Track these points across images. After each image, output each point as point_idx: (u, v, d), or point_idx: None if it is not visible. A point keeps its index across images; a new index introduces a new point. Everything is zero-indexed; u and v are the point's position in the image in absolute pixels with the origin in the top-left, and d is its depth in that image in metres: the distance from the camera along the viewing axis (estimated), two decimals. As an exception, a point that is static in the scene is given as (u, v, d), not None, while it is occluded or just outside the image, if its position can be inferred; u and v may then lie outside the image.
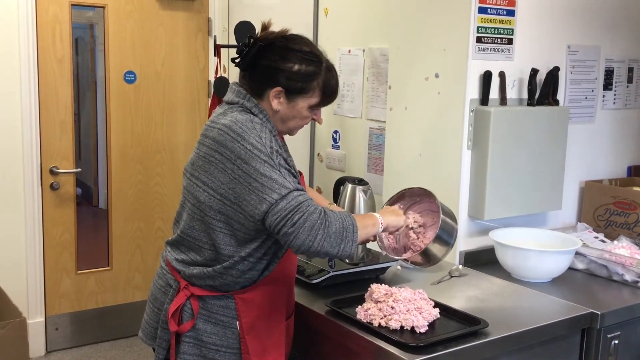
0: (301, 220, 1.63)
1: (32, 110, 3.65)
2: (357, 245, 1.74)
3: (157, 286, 1.94)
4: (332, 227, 1.66)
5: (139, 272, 4.15)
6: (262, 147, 1.69)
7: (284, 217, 1.64)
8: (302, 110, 1.81)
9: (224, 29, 4.16)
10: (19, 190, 3.68)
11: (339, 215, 1.71)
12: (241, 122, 1.72)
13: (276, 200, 1.65)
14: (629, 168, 3.06)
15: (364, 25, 3.12)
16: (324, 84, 1.79)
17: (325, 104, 1.84)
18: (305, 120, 1.84)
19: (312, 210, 1.65)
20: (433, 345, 1.74)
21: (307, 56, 1.78)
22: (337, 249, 1.67)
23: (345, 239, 1.68)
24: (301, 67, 1.77)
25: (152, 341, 1.95)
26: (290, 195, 1.66)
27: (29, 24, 3.60)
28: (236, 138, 1.70)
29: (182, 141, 4.17)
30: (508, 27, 2.48)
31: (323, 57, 1.82)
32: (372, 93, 3.07)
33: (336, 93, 1.85)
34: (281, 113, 1.80)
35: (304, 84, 1.77)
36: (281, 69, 1.76)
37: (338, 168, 3.30)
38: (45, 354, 3.88)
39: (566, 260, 2.33)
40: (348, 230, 1.69)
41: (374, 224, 1.81)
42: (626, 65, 2.95)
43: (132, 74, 3.97)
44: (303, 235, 1.63)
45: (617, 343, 2.13)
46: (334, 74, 1.83)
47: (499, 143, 2.42)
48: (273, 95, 1.78)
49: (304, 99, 1.79)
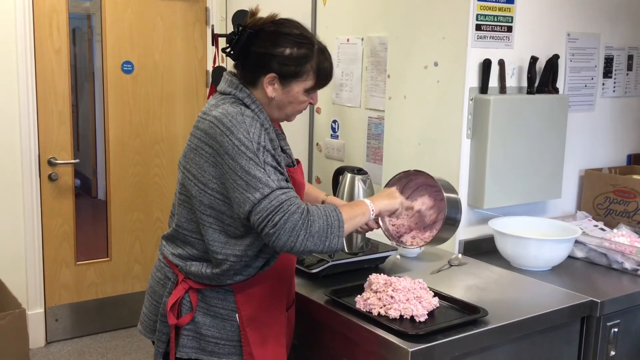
0: (282, 222, 1.61)
1: (29, 102, 3.64)
2: (343, 238, 1.68)
3: (156, 279, 1.92)
4: (315, 226, 1.63)
5: (138, 263, 4.15)
6: (249, 142, 1.66)
7: (265, 218, 1.62)
8: (298, 95, 1.77)
9: (221, 19, 4.15)
10: (18, 182, 3.67)
11: (324, 211, 1.67)
12: (231, 115, 1.69)
13: (259, 199, 1.62)
14: (629, 156, 3.06)
15: (363, 13, 3.11)
16: (317, 66, 1.76)
17: (320, 86, 1.80)
18: (302, 105, 1.81)
19: (293, 210, 1.62)
20: (433, 334, 1.74)
21: (298, 39, 1.75)
22: (321, 246, 1.65)
23: (330, 236, 1.65)
24: (293, 51, 1.73)
25: (152, 334, 1.93)
26: (273, 194, 1.63)
27: (25, 15, 3.58)
28: (225, 132, 1.67)
29: (180, 131, 4.16)
30: (507, 15, 2.47)
31: (315, 39, 1.79)
32: (371, 82, 3.06)
33: (331, 75, 1.82)
34: (277, 100, 1.77)
35: (297, 68, 1.74)
36: (273, 54, 1.73)
37: (337, 158, 3.29)
38: (45, 345, 3.88)
39: (566, 248, 2.33)
40: (333, 226, 1.65)
41: (364, 212, 1.77)
42: (626, 53, 2.94)
43: (129, 64, 3.95)
44: (284, 236, 1.61)
45: (617, 331, 2.13)
46: (327, 56, 1.80)
47: (499, 131, 2.41)
48: (267, 82, 1.75)
49: (299, 83, 1.76)
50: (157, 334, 1.88)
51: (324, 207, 1.69)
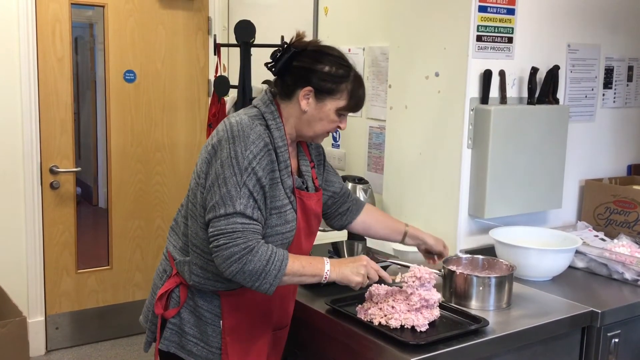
0: (223, 247, 1.68)
1: (32, 110, 3.65)
2: (275, 287, 1.70)
3: (157, 272, 2.00)
4: (250, 266, 1.67)
5: (139, 271, 4.15)
6: (241, 158, 1.72)
7: (214, 235, 1.70)
8: (330, 113, 1.83)
9: (223, 28, 4.16)
10: (19, 190, 3.68)
11: (270, 257, 1.69)
12: (241, 125, 1.76)
13: (220, 215, 1.70)
14: (629, 167, 3.06)
15: (364, 23, 3.12)
16: (352, 88, 1.83)
17: (351, 109, 1.86)
18: (332, 125, 1.86)
19: (238, 243, 1.68)
20: (434, 344, 1.74)
21: (338, 60, 1.83)
22: (250, 284, 1.70)
23: (261, 280, 1.69)
24: (332, 69, 1.81)
25: (147, 323, 2.01)
26: (233, 218, 1.69)
27: (28, 23, 3.60)
28: (229, 139, 1.75)
29: (182, 140, 4.17)
30: (508, 26, 2.48)
31: (353, 66, 1.87)
32: (372, 92, 3.07)
33: (362, 102, 1.89)
34: (309, 114, 1.83)
35: (334, 85, 1.81)
36: (313, 69, 1.80)
37: (338, 167, 3.30)
38: (45, 353, 3.88)
39: (566, 258, 2.33)
40: (269, 274, 1.68)
41: (315, 275, 1.76)
42: (626, 64, 2.95)
43: (132, 73, 3.97)
44: (219, 259, 1.69)
45: (618, 341, 2.13)
46: (362, 84, 1.87)
47: (499, 142, 2.42)
48: (302, 95, 1.81)
49: (333, 100, 1.82)
50: (148, 323, 1.97)
51: (275, 251, 1.71)
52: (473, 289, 2.02)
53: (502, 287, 2.04)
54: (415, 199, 2.65)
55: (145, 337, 1.99)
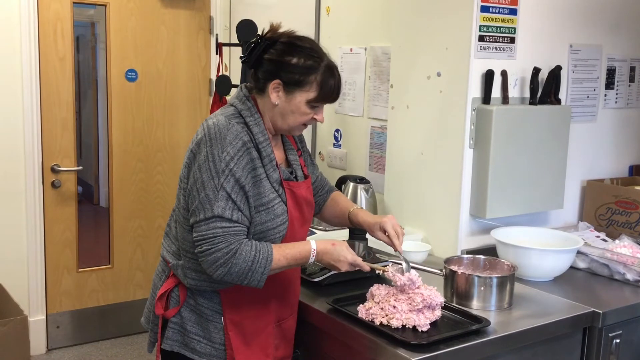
0: (207, 252, 1.72)
1: (33, 109, 3.66)
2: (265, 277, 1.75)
3: (156, 272, 2.01)
4: (235, 268, 1.71)
5: (140, 270, 4.15)
6: (218, 160, 1.73)
7: (197, 241, 1.73)
8: (300, 105, 1.81)
9: (225, 28, 4.16)
10: (21, 189, 3.68)
11: (254, 254, 1.72)
12: (218, 127, 1.76)
13: (200, 220, 1.73)
14: (631, 167, 3.06)
15: (366, 23, 3.12)
16: (322, 80, 1.81)
17: (323, 100, 1.84)
18: (305, 117, 1.84)
19: (220, 248, 1.71)
20: (435, 344, 1.74)
21: (307, 52, 1.81)
22: (238, 282, 1.75)
23: (249, 277, 1.73)
24: (300, 61, 1.79)
25: (148, 325, 2.01)
26: (212, 222, 1.72)
27: (30, 22, 3.60)
28: (207, 142, 1.76)
29: (183, 139, 4.17)
30: (510, 26, 2.48)
31: (325, 56, 1.84)
32: (373, 92, 3.07)
33: (336, 93, 1.86)
34: (280, 107, 1.82)
35: (301, 77, 1.79)
36: (281, 61, 1.80)
37: (339, 167, 3.30)
38: (46, 352, 3.88)
39: (568, 259, 2.33)
40: (255, 272, 1.72)
41: (301, 264, 1.84)
42: (628, 65, 2.95)
43: (133, 72, 3.97)
44: (206, 264, 1.73)
45: (619, 342, 2.13)
46: (335, 74, 1.84)
47: (501, 142, 2.42)
48: (272, 88, 1.81)
49: (302, 92, 1.80)
50: (150, 324, 1.97)
51: (259, 248, 1.73)
52: (474, 289, 2.02)
53: (504, 287, 2.04)
54: (417, 199, 2.65)
55: (149, 338, 1.99)
